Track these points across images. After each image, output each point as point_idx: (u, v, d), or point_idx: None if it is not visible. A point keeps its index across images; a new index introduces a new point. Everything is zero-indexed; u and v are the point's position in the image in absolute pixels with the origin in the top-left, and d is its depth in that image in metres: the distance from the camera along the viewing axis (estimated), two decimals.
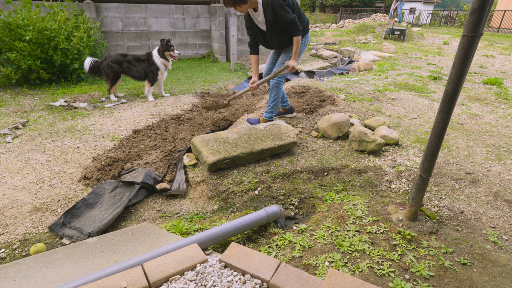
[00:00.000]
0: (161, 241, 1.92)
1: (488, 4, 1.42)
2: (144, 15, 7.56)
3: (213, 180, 2.57)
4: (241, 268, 1.54)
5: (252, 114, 3.94)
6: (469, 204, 2.34)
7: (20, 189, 2.48)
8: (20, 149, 3.10)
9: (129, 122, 3.88)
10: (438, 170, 2.78)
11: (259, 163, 2.77)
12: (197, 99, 4.91)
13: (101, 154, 3.03)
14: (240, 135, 2.92)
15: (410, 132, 3.53)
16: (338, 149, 3.09)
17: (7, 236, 2.02)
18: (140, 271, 1.50)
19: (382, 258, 1.78)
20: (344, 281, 1.44)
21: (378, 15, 20.51)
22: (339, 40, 13.30)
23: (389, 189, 2.51)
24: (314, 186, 2.57)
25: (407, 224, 2.03)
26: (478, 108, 4.50)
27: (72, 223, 2.13)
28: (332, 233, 1.99)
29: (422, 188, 1.93)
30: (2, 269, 1.71)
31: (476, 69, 7.27)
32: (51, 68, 5.33)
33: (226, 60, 8.30)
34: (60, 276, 1.67)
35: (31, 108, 4.23)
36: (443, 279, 1.66)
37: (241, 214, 2.25)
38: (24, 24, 4.90)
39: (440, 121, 1.73)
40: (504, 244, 1.94)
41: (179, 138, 3.33)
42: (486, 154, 3.10)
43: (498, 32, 17.77)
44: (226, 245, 1.91)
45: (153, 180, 2.57)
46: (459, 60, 1.56)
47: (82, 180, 2.63)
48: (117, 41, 7.46)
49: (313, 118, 3.72)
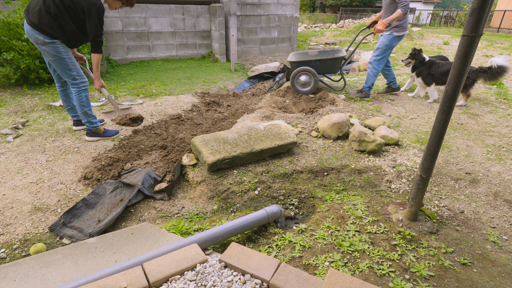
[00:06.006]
0: (161, 241, 1.92)
1: (488, 4, 1.42)
2: (144, 15, 7.56)
3: (213, 180, 2.57)
4: (241, 268, 1.54)
5: (252, 114, 3.94)
6: (469, 204, 2.34)
7: (20, 189, 2.48)
8: (20, 149, 3.10)
9: None
10: (438, 170, 2.78)
11: (259, 163, 2.77)
12: (197, 99, 4.91)
13: (101, 154, 3.03)
14: (240, 135, 2.92)
15: (410, 132, 3.53)
16: (338, 149, 3.09)
17: (7, 236, 2.02)
18: (140, 271, 1.50)
19: (382, 258, 1.78)
20: (344, 281, 1.44)
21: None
22: (339, 40, 13.30)
23: (389, 189, 2.51)
24: (314, 186, 2.57)
25: (407, 224, 2.03)
26: (478, 108, 4.51)
27: (72, 223, 2.13)
28: (332, 233, 1.99)
29: (422, 188, 1.93)
30: (2, 269, 1.71)
31: None
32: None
33: (226, 60, 8.30)
34: (60, 276, 1.67)
35: (31, 108, 4.23)
36: (443, 279, 1.66)
37: (241, 214, 2.25)
38: (23, 23, 4.90)
39: (440, 121, 1.73)
40: (504, 244, 1.94)
41: (179, 138, 3.33)
42: (486, 154, 3.10)
43: (498, 32, 17.77)
44: (226, 245, 1.91)
45: (153, 180, 2.57)
46: (459, 60, 1.56)
47: (82, 180, 2.63)
48: (117, 41, 7.45)
49: (313, 118, 3.72)
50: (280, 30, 9.38)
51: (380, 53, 4.40)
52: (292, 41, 9.68)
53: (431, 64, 4.46)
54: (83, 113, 3.18)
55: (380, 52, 4.39)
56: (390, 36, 4.28)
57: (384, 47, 4.35)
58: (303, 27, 18.89)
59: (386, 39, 4.31)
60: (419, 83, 4.71)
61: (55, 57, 2.87)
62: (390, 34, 4.27)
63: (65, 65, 2.93)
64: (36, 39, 2.77)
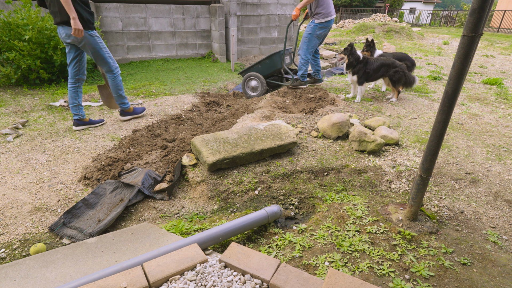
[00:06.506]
0: (161, 241, 1.92)
1: (488, 4, 1.42)
2: (144, 15, 7.56)
3: (213, 180, 2.57)
4: (241, 268, 1.54)
5: (252, 114, 3.94)
6: (469, 204, 2.34)
7: (20, 189, 2.48)
8: (20, 149, 3.10)
9: (129, 122, 3.88)
10: (438, 170, 2.78)
11: (259, 163, 2.77)
12: (197, 99, 4.91)
13: (101, 154, 3.03)
14: (240, 135, 2.92)
15: (410, 132, 3.53)
16: (338, 149, 3.09)
17: (7, 236, 2.02)
18: (140, 271, 1.50)
19: (382, 258, 1.78)
20: (344, 281, 1.44)
21: (378, 15, 20.53)
22: (339, 40, 13.30)
23: (389, 189, 2.51)
24: (314, 186, 2.57)
25: (407, 224, 2.03)
26: (478, 108, 4.51)
27: (72, 223, 2.13)
28: (332, 233, 1.99)
29: (422, 188, 1.93)
30: (2, 269, 1.71)
31: (476, 69, 7.27)
32: (51, 68, 5.33)
33: (226, 60, 8.30)
34: (60, 276, 1.67)
35: (31, 108, 4.23)
36: (443, 279, 1.66)
37: (241, 214, 2.25)
38: (24, 23, 4.90)
39: (440, 121, 1.73)
40: (504, 244, 1.94)
41: (179, 138, 3.33)
42: (486, 154, 3.10)
43: (498, 32, 17.77)
44: (226, 245, 1.91)
45: (153, 180, 2.57)
46: (459, 60, 1.56)
47: (82, 180, 2.63)
48: (117, 41, 7.45)
49: (313, 118, 3.72)
50: (280, 30, 9.38)
51: (304, 41, 4.64)
52: (292, 41, 9.67)
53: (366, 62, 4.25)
54: (118, 95, 3.70)
55: (305, 41, 4.63)
56: (312, 24, 4.52)
57: (307, 35, 4.59)
58: (303, 27, 18.91)
59: (309, 27, 4.56)
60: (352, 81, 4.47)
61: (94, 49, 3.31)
62: (312, 22, 4.52)
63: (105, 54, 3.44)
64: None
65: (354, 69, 4.26)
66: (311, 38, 4.58)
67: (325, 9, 4.41)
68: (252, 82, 5.04)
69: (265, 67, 5.02)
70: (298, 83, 4.95)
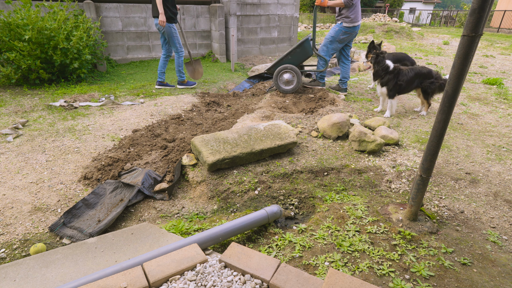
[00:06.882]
0: (161, 241, 1.92)
1: (488, 4, 1.42)
2: (144, 15, 7.55)
3: (213, 180, 2.57)
4: (241, 268, 1.54)
5: (252, 114, 3.94)
6: (469, 204, 2.34)
7: (20, 189, 2.48)
8: (20, 149, 3.10)
9: (129, 122, 3.88)
10: (438, 170, 2.78)
11: (259, 163, 2.77)
12: (197, 99, 4.91)
13: (101, 154, 3.03)
14: (240, 135, 2.92)
15: (410, 132, 3.53)
16: (338, 149, 3.09)
17: (7, 236, 2.02)
18: (140, 271, 1.50)
19: (382, 258, 1.78)
20: (344, 281, 1.44)
21: (378, 15, 20.53)
22: None
23: (389, 189, 2.51)
24: (314, 186, 2.57)
25: (407, 224, 2.03)
26: (478, 108, 4.51)
27: (72, 223, 2.13)
28: (332, 233, 1.99)
29: (422, 188, 1.93)
30: (2, 269, 1.71)
31: (476, 69, 7.27)
32: (51, 68, 5.32)
33: (226, 60, 8.30)
34: (60, 276, 1.67)
35: (31, 108, 4.23)
36: (443, 279, 1.66)
37: (241, 214, 2.25)
38: (24, 23, 4.90)
39: (440, 121, 1.73)
40: (504, 244, 1.94)
41: (179, 138, 3.33)
42: (486, 154, 3.10)
43: (498, 32, 17.78)
44: (226, 245, 1.91)
45: (153, 180, 2.57)
46: (459, 60, 1.56)
47: (82, 180, 2.63)
48: (117, 41, 7.45)
49: (313, 118, 3.72)
50: (280, 30, 9.38)
51: (326, 43, 4.56)
52: (292, 41, 9.67)
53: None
54: (178, 70, 5.31)
55: (327, 42, 4.56)
56: (337, 27, 4.43)
57: (330, 37, 4.51)
58: (303, 27, 18.88)
59: (333, 30, 4.48)
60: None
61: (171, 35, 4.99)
62: (339, 24, 4.41)
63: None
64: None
65: (383, 80, 3.73)
66: (333, 41, 4.49)
67: (354, 14, 4.32)
68: (285, 76, 4.70)
69: (297, 56, 4.67)
70: (316, 83, 4.96)
